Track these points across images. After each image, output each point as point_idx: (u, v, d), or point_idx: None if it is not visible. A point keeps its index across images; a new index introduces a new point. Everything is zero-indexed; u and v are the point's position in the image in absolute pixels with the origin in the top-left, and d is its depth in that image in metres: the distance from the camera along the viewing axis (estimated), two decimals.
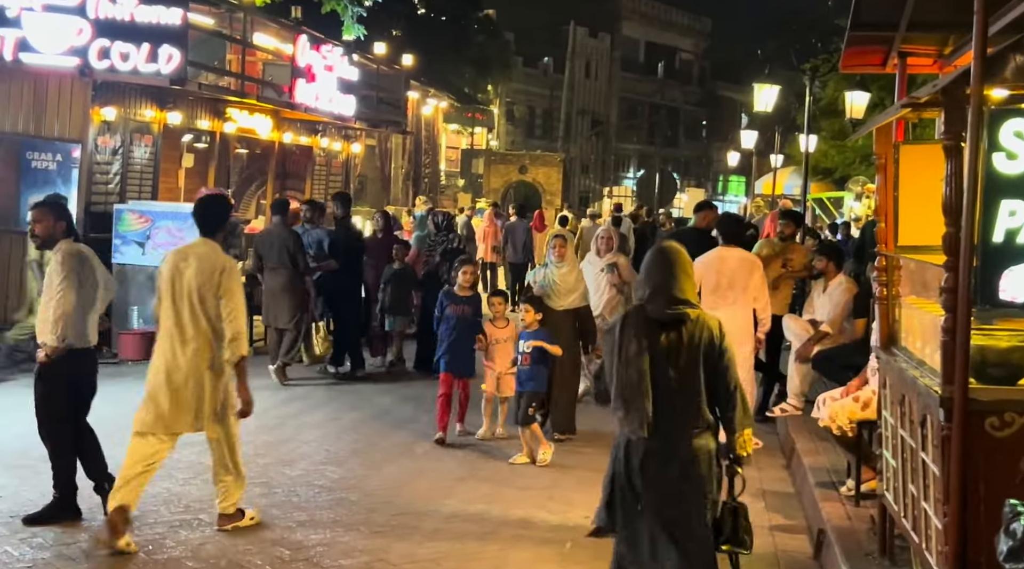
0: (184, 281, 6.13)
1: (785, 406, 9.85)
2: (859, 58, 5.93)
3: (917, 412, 4.72)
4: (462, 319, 9.02)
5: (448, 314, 9.07)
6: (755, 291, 9.05)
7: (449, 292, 9.28)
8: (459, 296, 9.16)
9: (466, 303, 9.14)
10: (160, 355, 6.26)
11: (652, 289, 4.69)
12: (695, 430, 4.62)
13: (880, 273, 5.65)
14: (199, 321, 6.12)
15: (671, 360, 4.62)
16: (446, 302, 9.13)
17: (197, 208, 6.63)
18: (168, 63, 12.02)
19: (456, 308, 9.05)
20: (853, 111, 17.11)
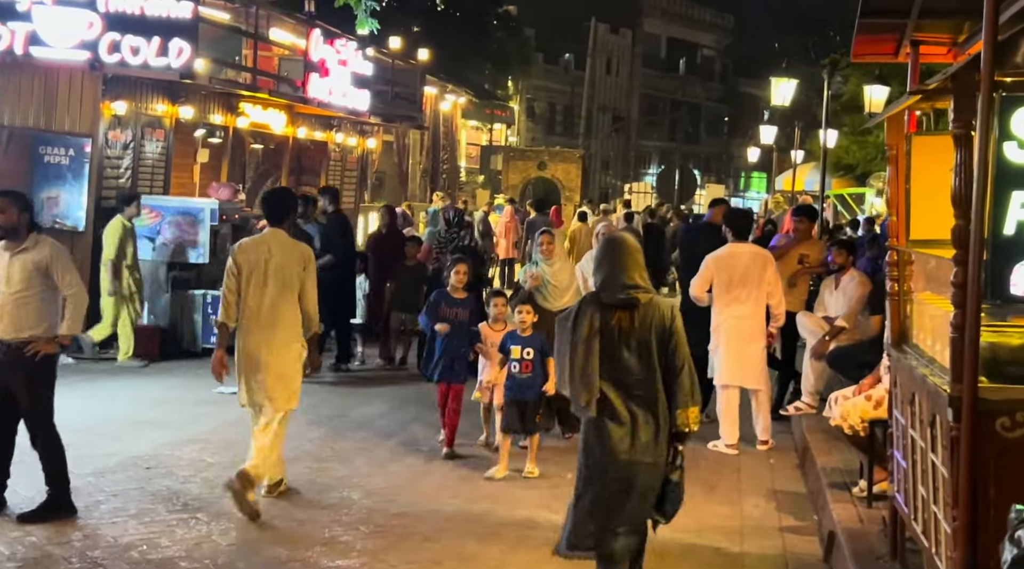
0: (272, 267, 6.76)
1: (800, 404, 9.69)
2: (870, 47, 5.76)
3: (927, 412, 4.56)
4: (456, 323, 8.32)
5: (441, 318, 8.33)
6: (769, 286, 8.88)
7: (443, 293, 8.51)
8: (453, 298, 8.43)
9: (460, 305, 8.41)
10: (249, 335, 6.76)
11: (604, 276, 5.09)
12: (650, 408, 4.98)
13: (891, 268, 5.47)
14: (286, 303, 6.77)
15: (623, 342, 4.99)
16: (439, 304, 8.40)
17: (265, 201, 7.49)
18: (178, 57, 11.93)
19: (450, 311, 8.34)
20: (872, 105, 16.86)
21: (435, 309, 8.37)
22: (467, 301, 8.49)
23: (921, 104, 5.22)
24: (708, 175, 62.45)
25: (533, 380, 7.81)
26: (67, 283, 6.48)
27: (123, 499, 6.72)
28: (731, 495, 7.60)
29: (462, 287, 8.48)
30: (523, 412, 7.78)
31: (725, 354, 8.89)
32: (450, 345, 8.28)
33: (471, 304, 8.52)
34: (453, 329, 8.27)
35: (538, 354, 7.81)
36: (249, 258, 6.80)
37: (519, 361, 7.83)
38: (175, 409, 9.45)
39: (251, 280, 6.74)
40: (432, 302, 8.47)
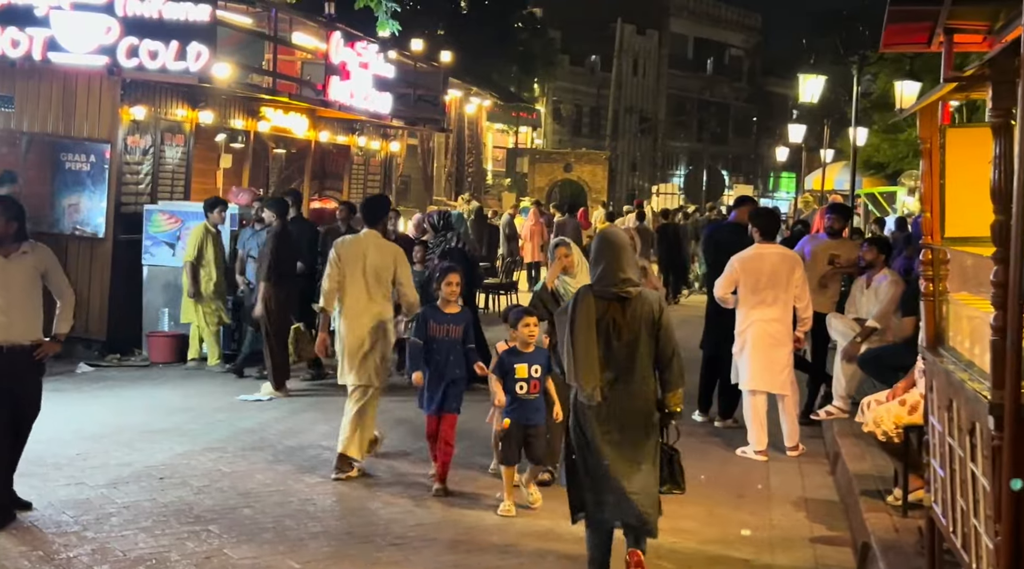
0: (368, 263, 7.70)
1: (831, 408, 9.41)
2: (901, 36, 5.49)
3: (965, 419, 4.31)
4: (445, 343, 7.22)
5: (429, 336, 7.23)
6: (796, 289, 8.58)
7: (432, 309, 7.37)
8: (443, 313, 7.27)
9: (451, 321, 7.26)
10: (347, 322, 7.68)
11: (600, 271, 5.46)
12: (643, 393, 5.45)
13: (926, 267, 5.21)
14: (380, 294, 7.75)
15: (618, 333, 5.40)
16: (427, 321, 7.27)
17: (364, 206, 8.85)
18: (197, 60, 11.81)
19: (440, 328, 7.22)
20: (904, 101, 16.51)
21: (424, 327, 7.25)
22: (460, 316, 7.36)
23: (955, 94, 4.98)
24: (736, 175, 61.97)
25: (539, 402, 6.94)
26: (64, 285, 6.77)
27: (134, 511, 6.56)
28: (760, 503, 7.36)
29: (454, 300, 7.37)
30: (528, 439, 6.88)
31: (752, 359, 8.62)
32: (439, 369, 7.21)
33: (464, 318, 7.40)
34: (444, 349, 7.21)
35: (545, 372, 6.91)
36: (348, 253, 7.75)
37: (526, 381, 6.86)
38: (192, 417, 9.31)
39: (351, 273, 7.69)
40: (419, 319, 7.38)
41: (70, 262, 12.14)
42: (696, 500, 7.27)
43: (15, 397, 6.42)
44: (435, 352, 7.22)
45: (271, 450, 8.26)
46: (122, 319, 12.03)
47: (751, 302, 8.59)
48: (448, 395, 7.22)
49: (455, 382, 7.26)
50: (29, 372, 6.46)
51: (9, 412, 6.38)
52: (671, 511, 6.88)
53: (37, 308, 6.53)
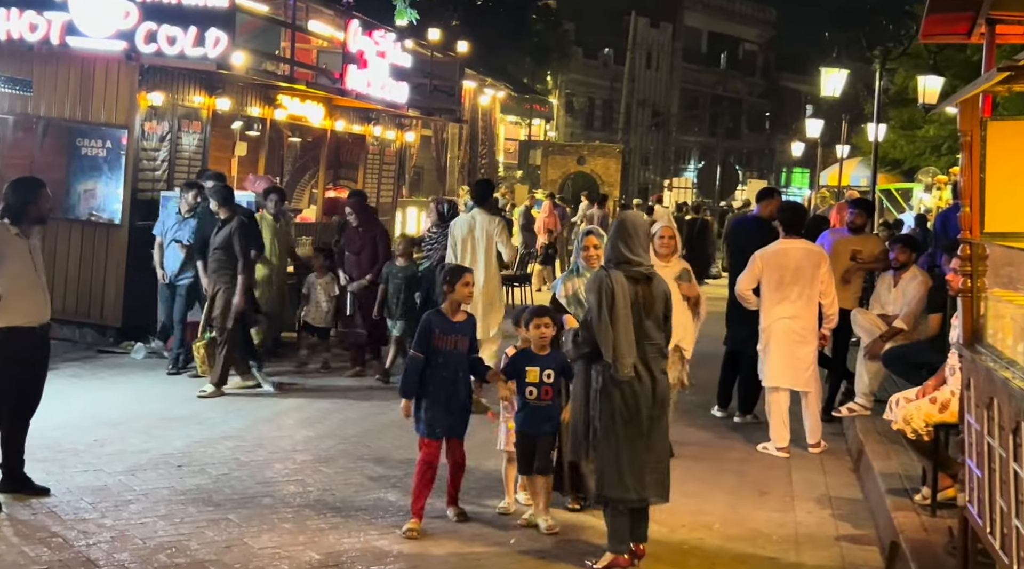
0: (475, 236, 9.60)
1: (853, 406, 9.32)
2: (942, 27, 5.38)
3: (1008, 418, 4.21)
4: (454, 357, 6.29)
5: (434, 349, 6.25)
6: (822, 285, 8.44)
7: (437, 316, 6.38)
8: (450, 321, 6.33)
9: (459, 331, 6.34)
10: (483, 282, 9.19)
11: (627, 251, 5.70)
12: (662, 367, 5.80)
13: (964, 263, 5.11)
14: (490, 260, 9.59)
15: (646, 311, 5.69)
16: (431, 331, 6.31)
17: (475, 186, 10.75)
18: (215, 47, 11.69)
19: (446, 340, 6.27)
20: (926, 96, 16.34)
21: (427, 338, 6.28)
22: (468, 324, 6.45)
23: (998, 87, 4.87)
24: (750, 170, 61.75)
25: (552, 409, 6.35)
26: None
27: (153, 498, 6.50)
28: (784, 501, 7.27)
29: (466, 303, 6.55)
30: (534, 447, 6.27)
31: (775, 355, 8.50)
32: (444, 384, 6.26)
33: (471, 326, 6.52)
34: (452, 364, 6.28)
35: (559, 376, 6.34)
36: (462, 230, 9.65)
37: (537, 386, 6.27)
38: (209, 405, 9.24)
39: (466, 245, 9.59)
40: (423, 328, 6.36)
41: (85, 248, 12.11)
42: (719, 497, 7.23)
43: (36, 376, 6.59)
44: (441, 368, 6.23)
45: (289, 439, 8.20)
46: (137, 306, 11.96)
47: (774, 298, 8.47)
48: (457, 416, 6.35)
49: (464, 402, 6.40)
50: (47, 351, 6.73)
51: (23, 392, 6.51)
52: (695, 507, 6.85)
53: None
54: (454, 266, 7.01)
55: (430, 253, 10.64)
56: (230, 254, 9.76)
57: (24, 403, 6.52)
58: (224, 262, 9.79)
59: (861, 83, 27.19)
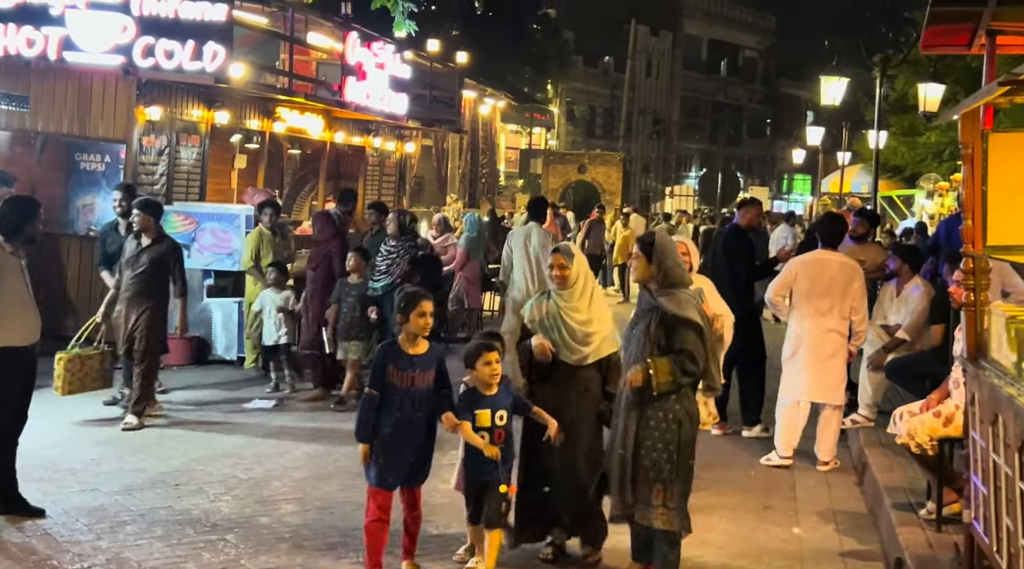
0: (531, 248, 10.47)
1: (856, 417, 9.24)
2: (942, 38, 5.33)
3: (1013, 436, 4.15)
4: (412, 396, 5.46)
5: (389, 386, 5.46)
6: (853, 301, 8.26)
7: (392, 349, 5.58)
8: (408, 354, 5.51)
9: (419, 366, 5.49)
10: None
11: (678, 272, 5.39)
12: None
13: (966, 276, 5.05)
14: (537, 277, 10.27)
15: None
16: (386, 366, 5.51)
17: (530, 205, 11.80)
18: (212, 61, 11.70)
19: (401, 377, 5.46)
20: (927, 104, 16.29)
21: (381, 374, 5.49)
22: (430, 356, 5.57)
23: (1000, 99, 4.81)
24: (751, 177, 61.70)
25: (505, 454, 5.50)
26: None
27: (149, 519, 6.43)
28: (787, 516, 7.19)
29: (423, 335, 5.57)
30: (483, 495, 5.47)
31: (804, 367, 8.29)
32: (400, 428, 5.47)
33: (435, 358, 5.60)
34: (409, 404, 5.47)
35: (511, 416, 5.55)
36: (519, 241, 10.69)
37: (489, 430, 5.44)
38: (207, 421, 9.18)
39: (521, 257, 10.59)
40: (376, 362, 5.63)
41: (84, 263, 12.06)
42: (721, 511, 7.14)
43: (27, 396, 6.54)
44: (396, 408, 5.45)
45: (288, 456, 8.13)
46: None
47: (805, 308, 8.33)
48: (415, 463, 5.57)
49: (423, 447, 5.60)
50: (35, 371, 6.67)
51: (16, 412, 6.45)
52: (698, 523, 6.72)
53: None
54: (410, 292, 5.72)
55: (390, 269, 9.83)
56: (159, 277, 9.04)
57: (15, 423, 6.46)
58: (151, 284, 8.98)
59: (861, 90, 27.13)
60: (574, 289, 5.82)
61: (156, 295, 9.07)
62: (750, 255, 9.70)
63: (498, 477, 5.45)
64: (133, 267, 8.97)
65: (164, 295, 9.14)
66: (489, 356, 5.46)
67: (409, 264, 9.62)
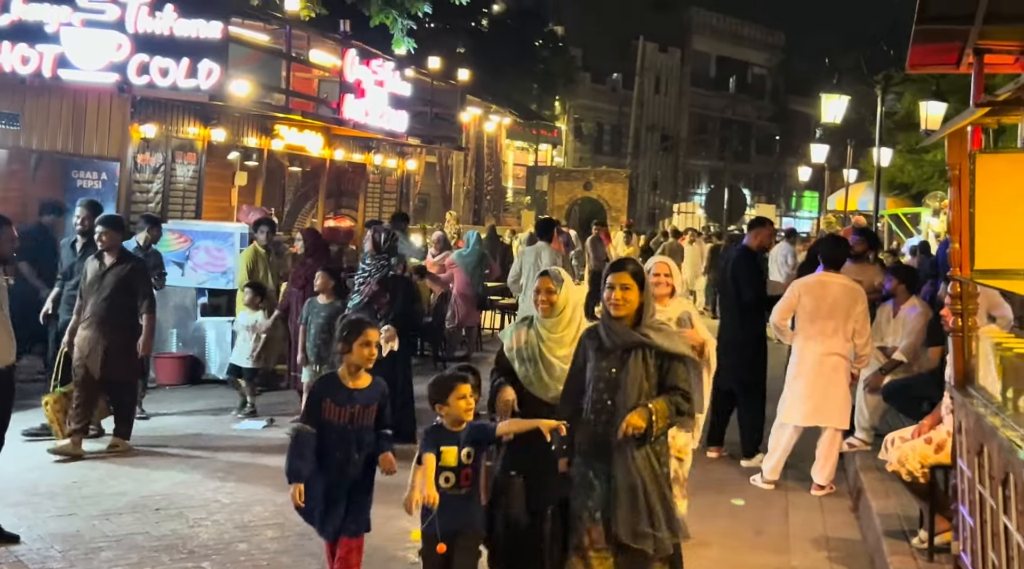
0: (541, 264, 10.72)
1: (853, 441, 9.07)
2: (928, 56, 5.21)
3: (998, 468, 4.01)
4: (349, 434, 4.99)
5: (325, 422, 4.98)
6: (856, 324, 8.09)
7: (329, 381, 5.13)
8: (346, 387, 5.04)
9: (359, 401, 5.02)
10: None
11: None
12: None
13: (954, 301, 4.92)
14: None
15: None
16: (321, 398, 5.05)
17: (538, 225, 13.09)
18: (208, 78, 11.66)
19: (339, 412, 4.99)
20: (929, 122, 16.13)
21: (316, 408, 5.03)
22: (372, 391, 5.08)
23: (986, 119, 4.69)
24: (758, 194, 61.52)
25: (473, 498, 4.81)
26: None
27: (126, 545, 6.31)
28: (779, 542, 7.04)
29: (367, 366, 5.10)
30: (450, 553, 4.72)
31: (807, 391, 8.13)
32: (340, 471, 4.99)
33: (377, 394, 5.10)
34: (346, 443, 4.99)
35: (479, 453, 4.84)
36: (530, 260, 11.53)
37: (454, 470, 4.74)
38: (194, 443, 9.07)
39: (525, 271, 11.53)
40: (310, 396, 5.24)
41: None
42: (713, 538, 6.99)
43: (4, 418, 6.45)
44: (333, 448, 4.96)
45: (272, 479, 7.95)
46: None
47: (808, 331, 8.18)
48: (351, 510, 5.01)
49: (360, 489, 5.06)
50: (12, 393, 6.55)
51: None
52: (688, 550, 6.58)
53: None
54: (353, 319, 5.34)
55: (360, 288, 9.22)
56: (127, 298, 8.59)
57: None
58: (118, 307, 8.53)
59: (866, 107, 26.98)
60: (560, 318, 5.24)
61: (125, 318, 8.60)
62: (759, 278, 9.50)
63: (470, 526, 4.80)
64: (98, 290, 8.48)
65: (133, 317, 8.69)
66: (463, 389, 4.82)
67: (378, 284, 8.96)
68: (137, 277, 8.72)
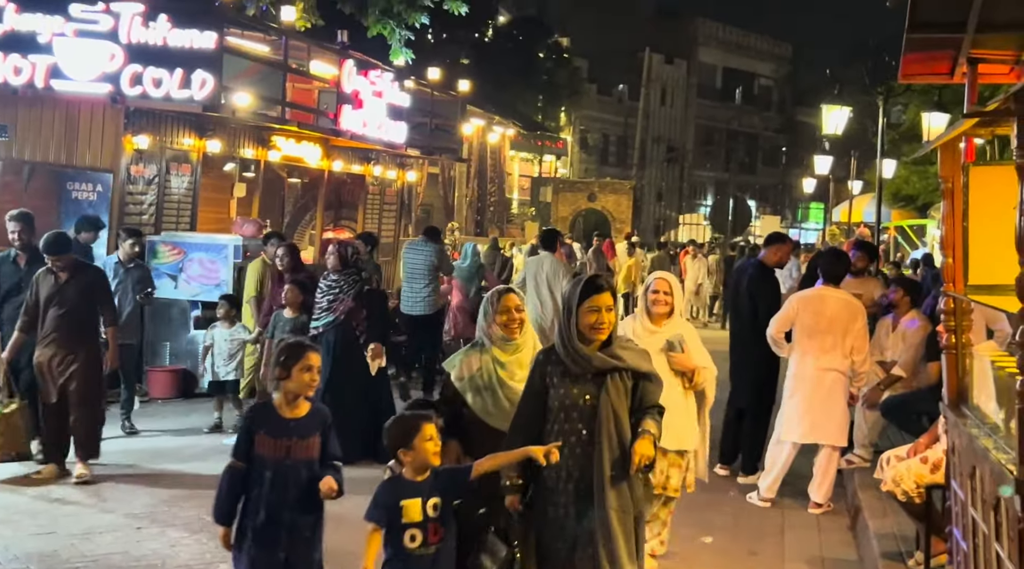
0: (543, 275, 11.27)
1: (851, 457, 8.91)
2: (921, 66, 5.06)
3: (990, 492, 3.86)
4: (285, 469, 4.41)
5: (257, 457, 4.44)
6: (855, 341, 7.90)
7: (264, 411, 4.60)
8: (281, 418, 4.49)
9: (296, 433, 4.47)
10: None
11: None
12: None
13: (947, 317, 4.77)
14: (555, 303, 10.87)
15: None
16: (252, 430, 4.51)
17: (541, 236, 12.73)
18: (201, 89, 11.59)
19: (274, 446, 4.43)
20: (931, 133, 16.02)
21: (246, 441, 4.49)
22: (311, 421, 4.53)
23: (979, 130, 4.55)
24: (764, 206, 61.35)
25: (442, 557, 4.20)
26: None
27: (103, 566, 6.17)
28: (774, 562, 6.88)
29: (304, 395, 4.54)
30: None
31: (804, 407, 7.95)
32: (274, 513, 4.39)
33: (319, 423, 4.54)
34: (281, 481, 4.41)
35: (447, 504, 4.23)
36: (532, 270, 11.47)
37: (420, 526, 4.14)
38: (184, 458, 8.94)
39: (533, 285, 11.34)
40: (241, 427, 4.69)
41: None
42: (706, 558, 6.85)
43: None
44: (268, 487, 4.40)
45: None
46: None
47: (806, 346, 8.01)
48: (291, 562, 4.42)
49: (300, 534, 4.45)
50: None
51: None
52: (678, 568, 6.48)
53: None
54: (292, 343, 4.75)
55: (332, 305, 8.85)
56: (88, 311, 8.18)
57: None
58: (80, 322, 8.09)
59: (869, 119, 26.87)
60: (524, 340, 4.83)
61: (88, 333, 8.17)
62: (776, 296, 9.31)
63: None
64: (57, 305, 7.94)
65: (96, 332, 8.31)
66: (428, 429, 4.21)
67: (354, 300, 8.72)
68: (97, 288, 8.28)
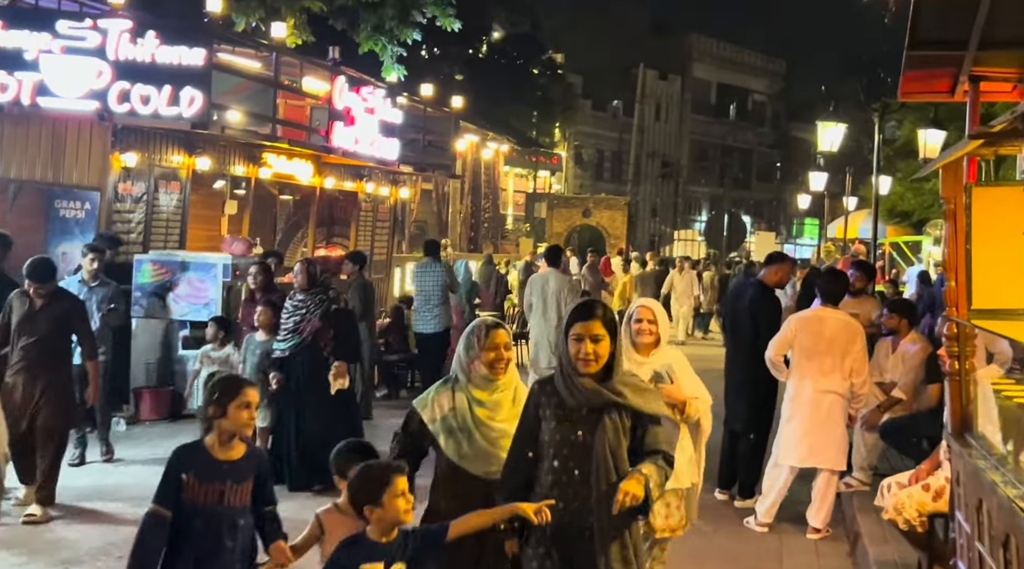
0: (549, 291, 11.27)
1: (851, 481, 8.75)
2: (921, 84, 4.93)
3: (998, 528, 3.71)
4: (218, 515, 4.15)
5: (187, 503, 4.13)
6: (855, 362, 7.75)
7: (194, 450, 4.25)
8: (214, 460, 4.21)
9: (231, 476, 4.20)
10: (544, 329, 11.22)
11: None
12: None
13: (950, 343, 4.62)
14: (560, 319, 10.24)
15: None
16: (179, 473, 4.17)
17: (547, 252, 12.84)
18: (190, 106, 11.44)
19: (205, 491, 4.15)
20: (927, 151, 15.90)
21: (173, 485, 4.15)
22: (246, 463, 4.27)
23: (982, 150, 4.41)
24: (759, 221, 61.32)
25: None
26: None
27: None
28: None
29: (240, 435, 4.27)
30: None
31: (802, 430, 7.78)
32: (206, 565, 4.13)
33: (254, 465, 4.31)
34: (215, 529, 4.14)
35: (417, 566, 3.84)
36: (537, 286, 11.47)
37: None
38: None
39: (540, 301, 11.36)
40: (167, 469, 4.22)
41: None
42: None
43: None
44: (198, 535, 4.10)
45: None
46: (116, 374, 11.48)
47: (804, 367, 7.84)
48: None
49: None
50: None
51: None
52: None
53: None
54: (227, 377, 4.55)
55: (299, 326, 8.52)
56: (62, 339, 7.86)
57: None
58: (52, 349, 7.72)
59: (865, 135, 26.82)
60: (508, 381, 4.43)
61: (60, 361, 7.81)
62: (778, 316, 9.10)
63: None
64: (29, 331, 7.58)
65: (69, 361, 7.97)
66: (400, 483, 3.79)
67: (321, 320, 8.47)
68: (74, 318, 7.93)
